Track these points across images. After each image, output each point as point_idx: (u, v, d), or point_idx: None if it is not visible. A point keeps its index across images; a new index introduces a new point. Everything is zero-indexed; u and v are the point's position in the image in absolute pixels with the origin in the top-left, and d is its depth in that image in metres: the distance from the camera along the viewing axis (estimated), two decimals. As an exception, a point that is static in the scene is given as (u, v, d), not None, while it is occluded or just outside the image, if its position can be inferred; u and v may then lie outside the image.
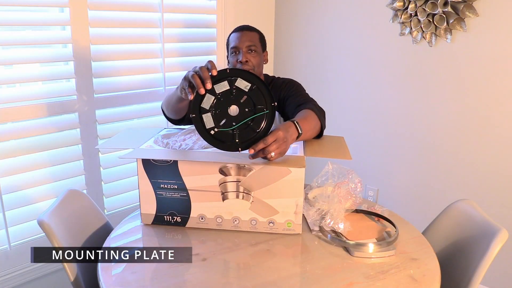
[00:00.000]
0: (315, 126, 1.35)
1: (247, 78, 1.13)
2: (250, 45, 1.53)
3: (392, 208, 1.37)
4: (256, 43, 1.56)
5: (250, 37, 1.55)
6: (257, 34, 1.59)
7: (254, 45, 1.54)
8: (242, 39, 1.54)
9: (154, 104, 2.12)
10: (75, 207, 1.32)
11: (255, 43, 1.55)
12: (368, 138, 2.36)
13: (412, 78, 2.15)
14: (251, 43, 1.54)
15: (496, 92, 1.89)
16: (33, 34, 1.74)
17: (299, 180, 1.15)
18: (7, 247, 1.73)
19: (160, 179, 1.20)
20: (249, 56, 1.53)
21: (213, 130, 1.14)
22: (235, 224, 1.21)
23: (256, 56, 1.54)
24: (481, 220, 1.21)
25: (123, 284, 0.99)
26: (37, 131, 1.76)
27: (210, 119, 1.14)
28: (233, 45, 1.55)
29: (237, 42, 1.54)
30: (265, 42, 1.62)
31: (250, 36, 1.55)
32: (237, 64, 1.53)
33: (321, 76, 2.51)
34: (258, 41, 1.58)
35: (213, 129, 1.14)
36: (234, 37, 1.56)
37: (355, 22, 2.32)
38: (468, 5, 1.86)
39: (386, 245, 1.12)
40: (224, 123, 1.14)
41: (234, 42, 1.55)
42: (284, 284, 1.00)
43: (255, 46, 1.55)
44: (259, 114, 1.13)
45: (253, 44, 1.54)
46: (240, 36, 1.54)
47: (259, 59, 1.56)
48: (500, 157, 1.91)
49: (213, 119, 1.14)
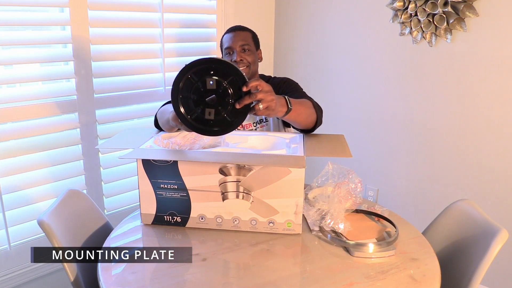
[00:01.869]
0: (309, 112, 1.36)
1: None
2: (244, 44, 1.56)
3: (392, 208, 1.37)
4: (249, 42, 1.58)
5: (243, 37, 1.58)
6: (250, 33, 1.62)
7: (248, 44, 1.57)
8: (235, 39, 1.56)
9: (154, 104, 2.11)
10: (75, 207, 1.32)
11: (248, 42, 1.58)
12: (368, 138, 2.36)
13: (412, 78, 2.15)
14: (244, 42, 1.56)
15: (496, 92, 1.89)
16: (33, 34, 1.74)
17: (299, 180, 1.15)
18: (7, 247, 1.73)
19: (160, 179, 1.20)
20: (243, 55, 1.55)
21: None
22: (235, 224, 1.21)
23: (250, 55, 1.57)
24: (481, 220, 1.21)
25: (123, 284, 0.99)
26: (37, 131, 1.76)
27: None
28: (226, 45, 1.58)
29: (231, 43, 1.57)
30: (258, 41, 1.65)
31: (243, 36, 1.58)
32: None
33: (321, 76, 2.51)
34: (251, 40, 1.60)
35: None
36: (227, 38, 1.59)
37: (355, 22, 2.32)
38: (468, 5, 1.86)
39: (386, 245, 1.12)
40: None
41: (228, 42, 1.58)
42: (284, 284, 1.00)
43: (249, 45, 1.57)
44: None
45: (246, 43, 1.57)
46: (233, 37, 1.57)
47: (254, 57, 1.59)
48: (500, 157, 1.91)
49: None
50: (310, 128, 1.42)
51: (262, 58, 1.67)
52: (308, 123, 1.38)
